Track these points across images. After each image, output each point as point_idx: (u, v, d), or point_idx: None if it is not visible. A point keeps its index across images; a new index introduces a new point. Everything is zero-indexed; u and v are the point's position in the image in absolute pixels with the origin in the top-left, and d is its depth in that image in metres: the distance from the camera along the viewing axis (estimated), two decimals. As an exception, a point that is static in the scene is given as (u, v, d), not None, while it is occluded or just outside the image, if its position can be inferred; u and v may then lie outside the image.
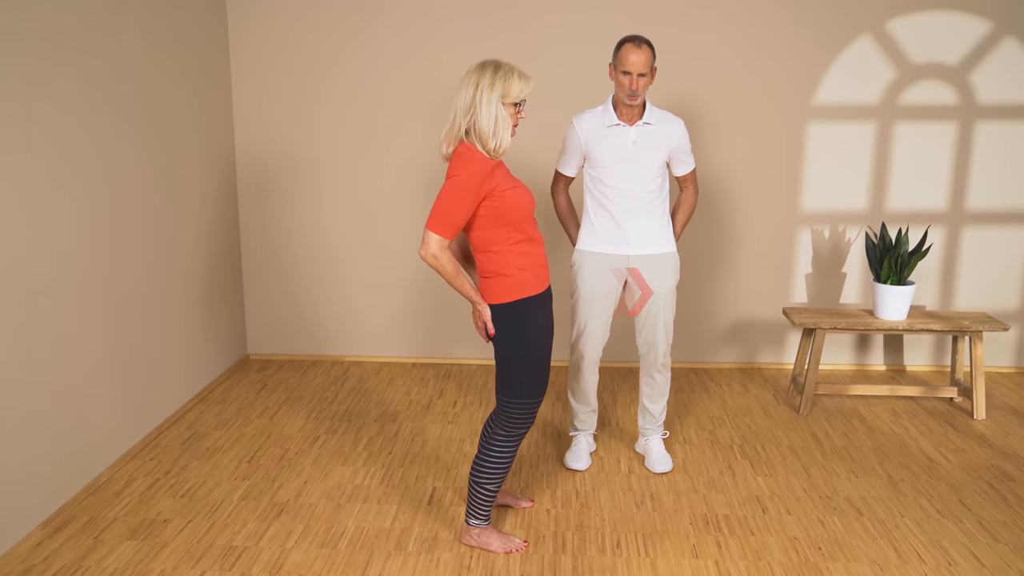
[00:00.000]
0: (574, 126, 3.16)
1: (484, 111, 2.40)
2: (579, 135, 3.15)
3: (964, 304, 4.43)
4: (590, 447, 3.40)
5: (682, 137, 3.16)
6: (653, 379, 3.30)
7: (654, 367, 3.27)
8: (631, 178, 3.10)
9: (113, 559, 2.65)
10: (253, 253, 4.52)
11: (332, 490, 3.12)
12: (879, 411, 3.91)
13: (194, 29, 3.90)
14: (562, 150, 3.26)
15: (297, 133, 4.37)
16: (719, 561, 2.66)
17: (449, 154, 2.50)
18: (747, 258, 4.42)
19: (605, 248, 3.15)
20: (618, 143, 3.09)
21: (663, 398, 3.35)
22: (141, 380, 3.49)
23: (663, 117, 3.15)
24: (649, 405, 3.35)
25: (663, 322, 3.20)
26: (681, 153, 3.19)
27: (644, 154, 3.09)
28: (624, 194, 3.11)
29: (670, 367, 3.28)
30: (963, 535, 2.83)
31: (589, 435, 3.41)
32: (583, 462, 3.30)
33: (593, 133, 3.13)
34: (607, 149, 3.10)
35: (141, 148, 3.45)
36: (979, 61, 4.15)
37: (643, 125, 3.10)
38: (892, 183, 4.31)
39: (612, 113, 3.10)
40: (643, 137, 3.10)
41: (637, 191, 3.11)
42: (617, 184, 3.11)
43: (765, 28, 4.16)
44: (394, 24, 4.22)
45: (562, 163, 3.28)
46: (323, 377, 4.35)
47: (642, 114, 3.10)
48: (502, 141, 2.43)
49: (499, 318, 2.53)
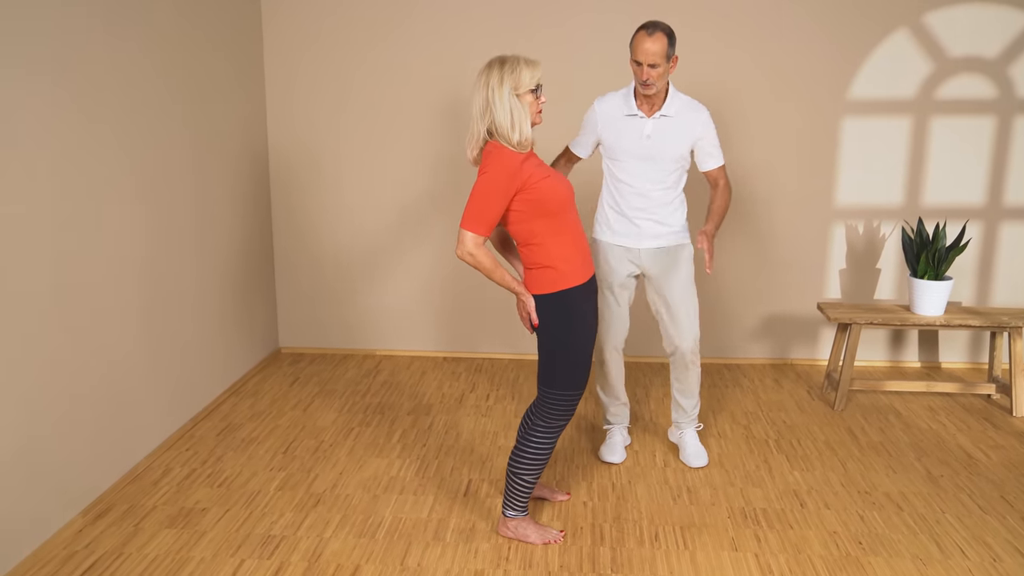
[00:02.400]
0: (594, 108, 3.07)
1: (499, 108, 2.41)
2: (597, 118, 3.05)
3: (1001, 300, 4.36)
4: (625, 440, 3.39)
5: (706, 127, 2.97)
6: (682, 373, 3.22)
7: (682, 362, 3.19)
8: (644, 176, 2.99)
9: (154, 546, 2.68)
10: (285, 247, 4.54)
11: (368, 481, 3.13)
12: (915, 407, 3.87)
13: (228, 25, 3.93)
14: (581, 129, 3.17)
15: (329, 128, 4.39)
16: (759, 554, 2.64)
17: (475, 158, 2.53)
18: (781, 253, 4.38)
19: (618, 240, 3.10)
20: (633, 136, 2.97)
21: (694, 393, 3.27)
22: (176, 372, 3.53)
23: (686, 106, 2.97)
24: (680, 399, 3.29)
25: (685, 314, 3.11)
26: (706, 145, 3.00)
27: (660, 149, 2.95)
28: (636, 192, 3.01)
29: (699, 361, 3.21)
30: (1007, 531, 2.79)
31: (623, 428, 3.39)
32: (618, 455, 3.29)
33: (611, 120, 3.01)
34: (622, 140, 2.99)
35: (178, 145, 3.48)
36: (1018, 55, 4.09)
37: (660, 118, 2.95)
38: (928, 178, 4.26)
39: (632, 101, 2.98)
40: (659, 131, 2.96)
41: (650, 189, 3.00)
42: (629, 180, 3.01)
43: (800, 22, 4.12)
44: (427, 21, 4.23)
45: (575, 140, 3.18)
46: (355, 370, 4.36)
47: (662, 104, 2.94)
48: (523, 132, 2.44)
49: (543, 308, 2.53)
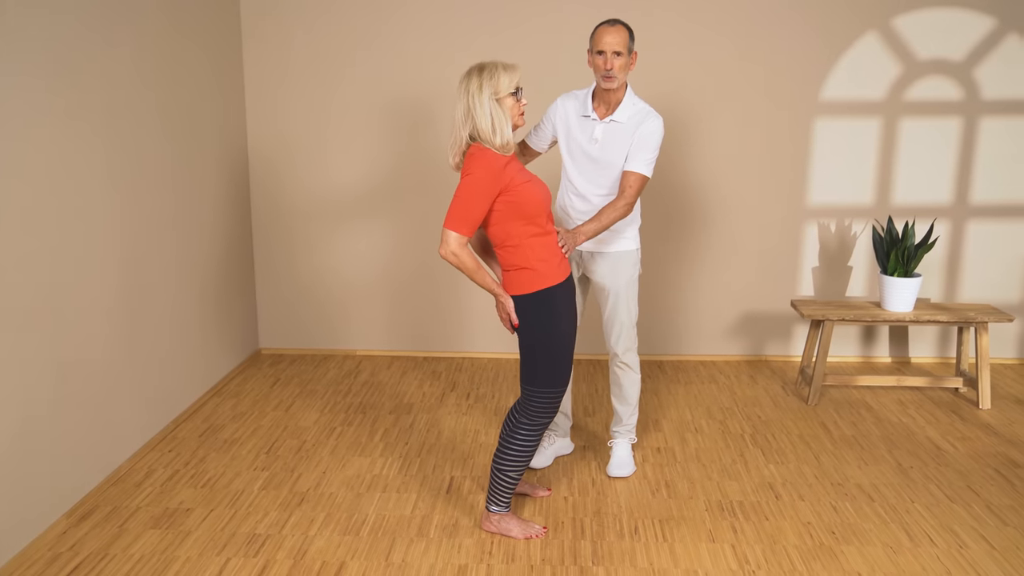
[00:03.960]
0: (556, 102, 3.04)
1: (480, 114, 2.48)
2: (557, 113, 3.02)
3: (968, 297, 4.49)
4: (557, 449, 3.31)
5: (649, 132, 2.87)
6: (616, 376, 3.19)
7: (615, 363, 3.16)
8: (589, 179, 2.98)
9: (139, 546, 2.69)
10: (265, 248, 4.55)
11: (351, 479, 3.16)
12: (886, 401, 3.97)
13: (207, 25, 3.94)
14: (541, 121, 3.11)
15: (309, 127, 4.41)
16: (735, 545, 2.71)
17: (457, 164, 2.59)
18: (754, 252, 4.47)
19: None
20: (583, 137, 2.96)
21: (629, 400, 3.20)
22: (157, 373, 3.53)
23: (638, 113, 2.90)
24: (617, 406, 3.24)
25: (619, 318, 3.08)
26: (639, 147, 2.87)
27: (605, 155, 2.92)
28: (580, 194, 3.01)
29: (636, 368, 3.16)
30: (972, 519, 2.89)
31: (555, 435, 3.32)
32: (540, 460, 3.24)
33: (568, 117, 3.00)
34: (573, 140, 2.98)
35: (157, 145, 3.49)
36: (983, 57, 4.21)
37: (610, 122, 2.90)
38: (897, 177, 4.37)
39: (589, 103, 2.96)
40: (607, 136, 2.92)
41: (594, 193, 2.99)
42: (576, 181, 3.01)
43: (772, 25, 4.21)
44: (408, 20, 4.26)
45: (532, 133, 3.12)
46: (336, 371, 4.39)
47: (616, 108, 2.91)
48: (504, 136, 2.50)
49: (523, 308, 2.58)
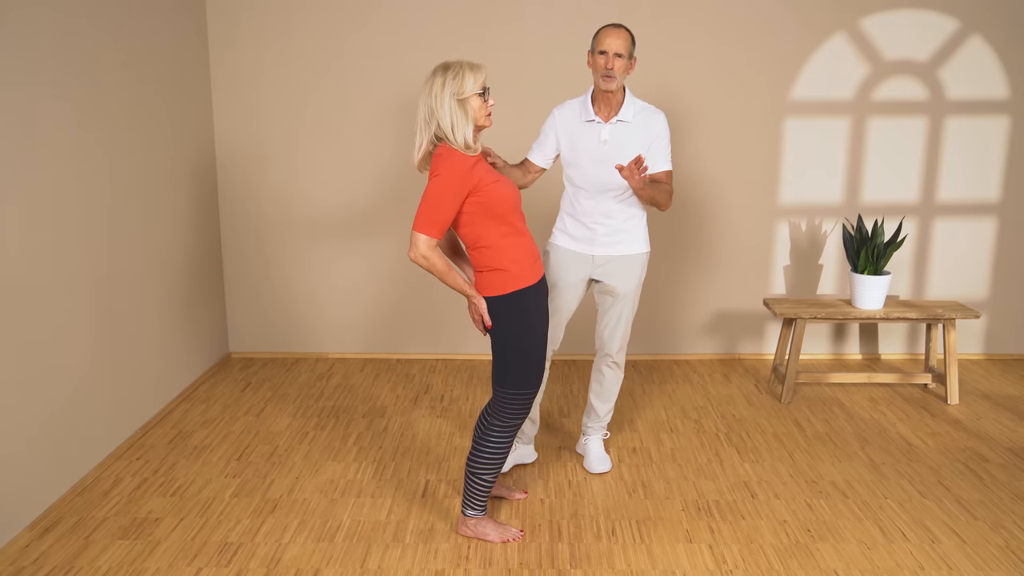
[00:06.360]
0: (553, 115, 3.06)
1: (442, 115, 2.46)
2: (556, 124, 3.03)
3: (936, 293, 4.55)
4: (517, 457, 3.26)
5: (662, 130, 2.98)
6: (603, 374, 3.20)
7: (605, 362, 3.17)
8: (600, 182, 2.97)
9: (106, 558, 2.62)
10: (233, 250, 4.48)
11: (325, 485, 3.11)
12: (857, 398, 4.01)
13: (173, 25, 3.86)
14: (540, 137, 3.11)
15: (277, 130, 4.34)
16: (712, 545, 2.72)
17: (419, 163, 2.56)
18: (726, 251, 4.49)
19: (574, 246, 3.06)
20: (591, 142, 2.96)
21: (611, 398, 3.24)
22: (123, 379, 3.45)
23: (643, 110, 2.99)
24: (596, 403, 3.25)
25: (624, 320, 3.10)
26: (658, 147, 2.98)
27: (617, 154, 2.94)
28: (593, 198, 3.00)
29: (623, 367, 3.20)
30: (944, 514, 2.92)
31: (521, 443, 3.27)
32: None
33: (570, 126, 3.01)
34: (580, 146, 2.98)
35: (123, 149, 3.41)
36: (947, 58, 4.27)
37: (617, 123, 2.95)
38: (866, 177, 4.42)
39: (590, 107, 2.98)
40: (616, 136, 2.95)
41: (606, 196, 2.99)
42: (586, 186, 2.99)
43: (743, 26, 4.24)
44: (379, 20, 4.22)
45: (533, 150, 3.11)
46: (307, 374, 4.33)
47: (619, 109, 2.95)
48: (466, 135, 2.47)
49: (496, 309, 2.56)
